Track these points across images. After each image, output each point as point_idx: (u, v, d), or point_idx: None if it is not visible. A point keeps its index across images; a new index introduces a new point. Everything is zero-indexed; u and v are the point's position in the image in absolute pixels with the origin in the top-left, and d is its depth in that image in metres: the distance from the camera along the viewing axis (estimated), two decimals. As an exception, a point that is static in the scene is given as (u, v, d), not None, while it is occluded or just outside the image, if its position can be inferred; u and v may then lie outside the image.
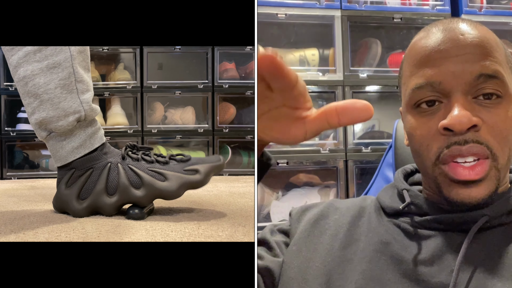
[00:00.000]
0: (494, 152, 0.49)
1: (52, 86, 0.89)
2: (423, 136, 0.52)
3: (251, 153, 2.01)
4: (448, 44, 0.52)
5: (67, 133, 0.92)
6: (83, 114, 0.91)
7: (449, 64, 0.51)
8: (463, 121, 0.48)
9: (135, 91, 1.97)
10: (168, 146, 2.01)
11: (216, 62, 1.98)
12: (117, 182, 0.90)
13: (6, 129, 1.91)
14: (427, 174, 0.54)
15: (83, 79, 0.92)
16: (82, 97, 0.91)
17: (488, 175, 0.49)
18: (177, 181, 0.89)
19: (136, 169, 0.90)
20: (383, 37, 1.70)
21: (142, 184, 0.89)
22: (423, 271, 0.49)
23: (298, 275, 0.56)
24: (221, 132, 1.99)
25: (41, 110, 0.90)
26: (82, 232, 0.80)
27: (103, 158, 0.92)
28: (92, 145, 0.93)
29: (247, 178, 1.78)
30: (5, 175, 1.91)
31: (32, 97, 0.90)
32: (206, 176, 0.90)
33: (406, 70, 0.57)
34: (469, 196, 0.49)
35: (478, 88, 0.50)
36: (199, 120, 2.04)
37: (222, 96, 2.01)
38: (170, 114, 2.03)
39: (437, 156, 0.51)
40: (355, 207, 0.61)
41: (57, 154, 0.94)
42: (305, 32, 1.69)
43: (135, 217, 0.88)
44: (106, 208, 0.90)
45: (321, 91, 1.62)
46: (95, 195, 0.90)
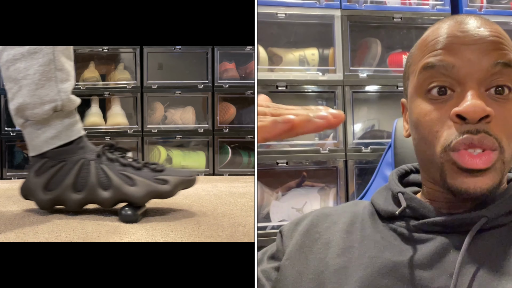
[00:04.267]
0: (502, 145, 0.49)
1: (31, 71, 0.87)
2: (433, 122, 0.51)
3: (251, 153, 2.01)
4: (466, 32, 0.52)
5: (43, 122, 0.90)
6: (60, 104, 0.89)
7: (465, 51, 0.51)
8: (478, 109, 0.48)
9: (135, 91, 1.97)
10: (168, 146, 2.01)
11: (216, 62, 1.98)
12: (86, 180, 0.89)
13: (6, 129, 1.91)
14: (432, 162, 0.52)
15: (63, 68, 0.90)
16: (61, 86, 0.90)
17: (494, 166, 0.49)
18: (145, 188, 0.88)
19: (107, 170, 0.89)
20: (383, 37, 1.70)
21: (110, 186, 0.88)
22: (422, 275, 0.49)
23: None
24: (221, 132, 1.99)
25: (19, 96, 0.89)
26: (82, 232, 0.80)
27: (78, 153, 0.91)
28: (69, 137, 0.91)
29: (247, 178, 1.78)
30: (5, 175, 1.90)
31: (12, 82, 0.89)
32: (174, 188, 0.90)
33: (416, 56, 0.56)
34: (474, 185, 0.49)
35: (492, 78, 0.50)
36: (199, 120, 2.04)
37: (222, 96, 2.01)
38: (170, 114, 2.03)
39: (449, 143, 0.50)
40: (346, 213, 0.60)
41: (32, 143, 0.92)
42: (304, 31, 1.69)
43: (127, 219, 0.86)
44: (70, 204, 0.89)
45: (320, 91, 1.62)
46: (62, 189, 0.89)
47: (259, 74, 1.52)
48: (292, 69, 1.59)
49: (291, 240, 0.60)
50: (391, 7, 1.64)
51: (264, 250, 0.64)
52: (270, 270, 0.59)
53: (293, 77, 1.55)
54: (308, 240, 0.58)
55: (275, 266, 0.60)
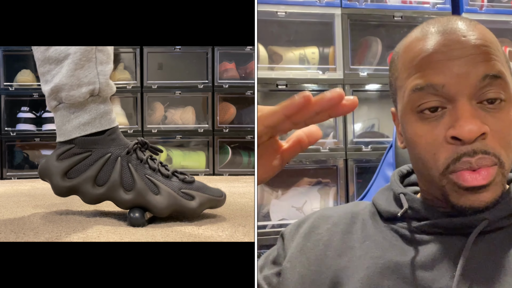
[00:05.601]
0: (502, 159, 0.49)
1: (72, 50, 0.83)
2: (429, 145, 0.51)
3: (251, 153, 2.01)
4: (450, 46, 0.50)
5: (77, 106, 0.86)
6: (97, 87, 0.85)
7: (453, 67, 0.49)
8: (473, 130, 0.47)
9: (135, 91, 1.96)
10: (168, 146, 2.01)
11: (216, 62, 1.98)
12: (108, 175, 0.85)
13: (6, 129, 1.91)
14: (432, 182, 0.52)
15: (103, 49, 0.86)
16: (100, 68, 0.86)
17: (494, 180, 0.49)
18: (169, 200, 0.84)
19: (134, 171, 0.85)
20: (384, 36, 1.70)
21: (133, 189, 0.84)
22: (423, 276, 0.49)
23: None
24: (221, 132, 1.99)
25: (56, 77, 0.85)
26: (82, 232, 0.80)
27: (107, 145, 0.86)
28: (102, 126, 0.87)
29: (247, 178, 1.78)
30: (5, 175, 1.91)
31: (52, 63, 0.85)
32: (200, 206, 0.85)
33: (402, 72, 0.55)
34: (478, 201, 0.48)
35: (482, 91, 0.49)
36: (199, 120, 2.04)
37: (222, 96, 2.01)
38: (170, 114, 2.03)
39: (446, 166, 0.49)
40: (347, 214, 0.60)
41: (62, 127, 0.87)
42: (305, 30, 1.69)
43: (135, 223, 0.84)
44: (87, 197, 0.86)
45: (321, 89, 1.62)
46: (82, 179, 0.85)
47: (259, 73, 1.52)
48: (292, 68, 1.59)
49: (293, 242, 0.60)
50: (391, 5, 1.64)
51: (266, 254, 0.63)
52: (271, 276, 0.59)
53: (293, 75, 1.54)
54: (309, 242, 0.58)
55: (276, 271, 0.59)
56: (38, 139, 1.93)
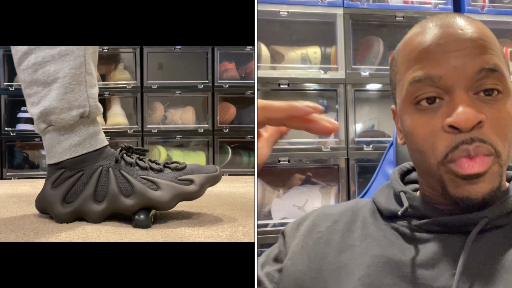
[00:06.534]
0: (498, 149, 0.49)
1: (62, 74, 0.84)
2: (427, 135, 0.51)
3: (251, 153, 2.00)
4: (447, 38, 0.51)
5: (67, 128, 0.86)
6: (87, 110, 0.86)
7: (449, 59, 0.50)
8: (469, 118, 0.48)
9: (135, 91, 1.96)
10: (168, 146, 2.01)
11: (216, 62, 1.98)
12: (106, 188, 0.85)
13: (6, 129, 1.91)
14: (430, 172, 0.52)
15: (92, 72, 0.87)
16: (90, 91, 0.86)
17: (491, 169, 0.49)
18: (170, 191, 0.84)
19: (127, 175, 0.85)
20: (385, 36, 1.69)
21: (133, 192, 0.84)
22: (424, 275, 0.49)
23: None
24: (221, 132, 1.98)
25: (46, 100, 0.85)
26: (82, 232, 0.80)
27: (95, 160, 0.87)
28: (93, 146, 0.87)
29: (247, 178, 1.77)
30: (5, 175, 1.90)
31: (40, 85, 0.85)
32: (201, 187, 0.86)
33: (401, 66, 0.56)
34: (475, 191, 0.49)
35: (479, 83, 0.50)
36: (199, 120, 2.04)
37: (222, 96, 2.01)
38: (170, 114, 2.03)
39: (445, 155, 0.50)
40: (347, 211, 0.60)
41: (52, 149, 0.87)
42: (307, 30, 1.69)
43: (141, 224, 0.83)
44: (92, 216, 0.85)
45: (322, 89, 1.62)
46: (82, 200, 0.85)
47: (261, 72, 1.52)
48: (294, 67, 1.58)
49: (294, 240, 0.60)
50: (393, 5, 1.64)
51: (268, 252, 0.63)
52: (273, 272, 0.59)
53: (295, 75, 1.54)
54: (310, 240, 0.58)
55: (277, 268, 0.59)
56: (38, 139, 1.92)
